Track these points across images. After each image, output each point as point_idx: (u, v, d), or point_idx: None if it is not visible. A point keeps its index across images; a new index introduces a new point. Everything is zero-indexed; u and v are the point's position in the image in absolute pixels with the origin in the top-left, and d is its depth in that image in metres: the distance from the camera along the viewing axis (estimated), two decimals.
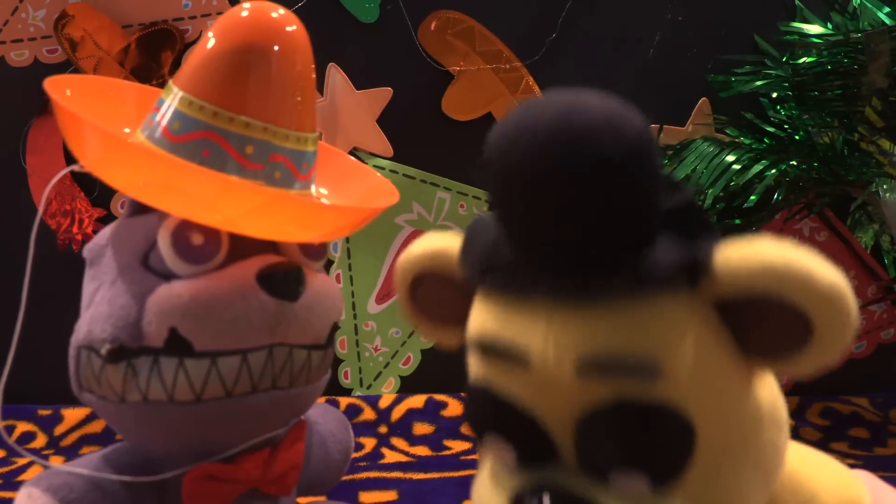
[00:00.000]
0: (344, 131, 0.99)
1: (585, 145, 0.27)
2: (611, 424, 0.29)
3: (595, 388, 0.28)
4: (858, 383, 1.06)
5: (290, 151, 0.44)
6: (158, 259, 0.40)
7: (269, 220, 0.41)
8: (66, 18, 0.95)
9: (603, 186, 0.27)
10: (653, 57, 1.03)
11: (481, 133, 0.30)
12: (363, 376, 1.04)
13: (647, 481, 0.28)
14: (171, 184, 0.40)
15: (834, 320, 0.28)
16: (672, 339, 0.28)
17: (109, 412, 0.42)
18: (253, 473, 0.43)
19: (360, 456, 0.91)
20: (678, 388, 0.28)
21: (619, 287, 0.28)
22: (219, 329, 0.39)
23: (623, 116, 0.28)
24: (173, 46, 0.97)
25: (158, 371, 0.39)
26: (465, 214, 1.03)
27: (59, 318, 0.96)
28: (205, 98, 0.42)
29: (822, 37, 0.93)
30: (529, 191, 0.28)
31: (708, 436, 0.29)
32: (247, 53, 0.42)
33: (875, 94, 0.81)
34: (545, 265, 0.29)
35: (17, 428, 0.94)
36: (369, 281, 1.03)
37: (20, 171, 0.98)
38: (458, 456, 0.91)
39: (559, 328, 0.29)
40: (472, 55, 1.00)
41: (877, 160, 0.87)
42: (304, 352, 0.43)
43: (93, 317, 0.41)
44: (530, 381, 0.30)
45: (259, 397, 0.42)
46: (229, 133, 0.42)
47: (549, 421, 0.30)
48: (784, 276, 0.27)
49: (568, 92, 0.29)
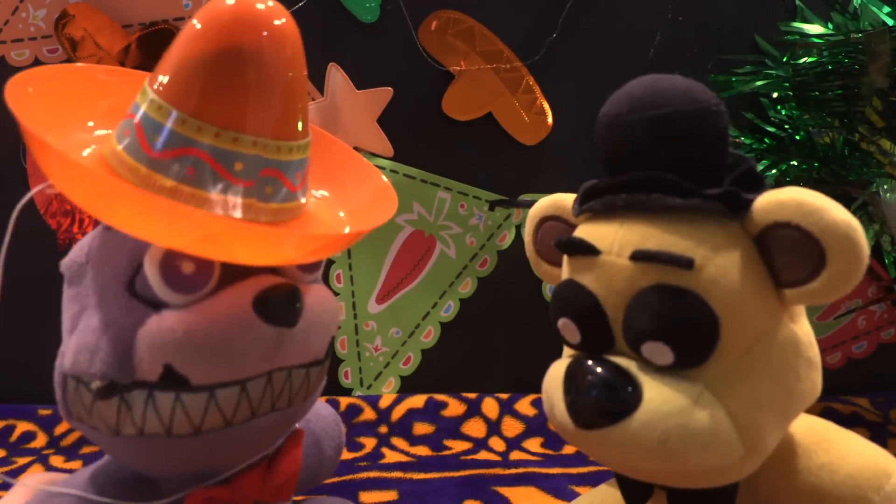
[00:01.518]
0: (344, 131, 0.99)
1: (665, 102, 0.38)
2: (649, 300, 0.36)
3: (643, 274, 0.37)
4: (859, 383, 1.07)
5: (282, 163, 0.41)
6: (145, 285, 0.38)
7: (236, 246, 0.38)
8: (66, 18, 0.95)
9: (673, 132, 0.37)
10: (653, 57, 1.03)
11: (482, 133, 0.30)
12: (363, 376, 1.04)
13: (671, 354, 0.36)
14: (127, 212, 0.37)
15: (843, 249, 0.33)
16: (707, 246, 0.36)
17: (102, 441, 0.40)
18: (251, 490, 0.42)
19: (361, 456, 0.91)
20: (708, 283, 0.36)
21: (672, 202, 0.37)
22: (216, 364, 0.37)
23: (699, 90, 0.38)
24: None
25: (154, 405, 0.37)
26: (465, 214, 1.03)
27: (59, 317, 0.96)
28: (187, 110, 0.38)
29: (822, 37, 0.93)
30: (622, 131, 0.39)
31: (731, 335, 0.36)
32: (234, 58, 0.37)
33: (876, 95, 0.81)
34: (625, 186, 0.39)
35: (17, 428, 0.94)
36: (369, 281, 1.03)
37: (20, 171, 0.98)
38: (458, 456, 0.91)
39: (626, 229, 0.38)
40: (473, 55, 1.00)
41: (877, 160, 0.87)
42: (303, 371, 0.42)
43: (78, 346, 0.39)
44: (599, 270, 0.38)
45: (259, 421, 0.40)
46: (216, 150, 0.38)
47: (608, 304, 0.38)
48: (801, 207, 0.34)
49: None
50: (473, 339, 1.06)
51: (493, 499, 0.76)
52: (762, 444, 0.37)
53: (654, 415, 0.35)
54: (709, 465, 0.36)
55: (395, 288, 1.04)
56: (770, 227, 0.36)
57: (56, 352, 0.42)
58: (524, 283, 1.06)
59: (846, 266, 0.34)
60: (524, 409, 1.00)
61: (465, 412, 0.99)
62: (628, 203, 0.38)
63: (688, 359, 0.36)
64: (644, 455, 0.36)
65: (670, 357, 0.36)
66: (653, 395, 0.36)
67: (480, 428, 0.98)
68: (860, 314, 1.09)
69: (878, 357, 1.09)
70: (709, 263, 0.36)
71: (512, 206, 1.04)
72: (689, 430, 0.35)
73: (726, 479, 0.39)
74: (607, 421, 0.36)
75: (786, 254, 0.36)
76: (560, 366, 0.40)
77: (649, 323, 0.36)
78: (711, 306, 0.35)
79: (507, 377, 1.06)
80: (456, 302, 1.05)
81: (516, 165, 1.04)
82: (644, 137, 0.38)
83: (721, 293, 0.36)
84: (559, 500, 0.76)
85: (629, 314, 0.37)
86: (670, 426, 0.35)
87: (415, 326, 1.05)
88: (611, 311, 0.38)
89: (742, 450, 0.36)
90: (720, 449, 0.36)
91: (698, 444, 0.35)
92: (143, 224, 0.37)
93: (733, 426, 0.36)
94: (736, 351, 0.36)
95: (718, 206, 0.36)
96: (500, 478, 0.83)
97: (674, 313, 0.36)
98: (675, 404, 0.35)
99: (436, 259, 1.04)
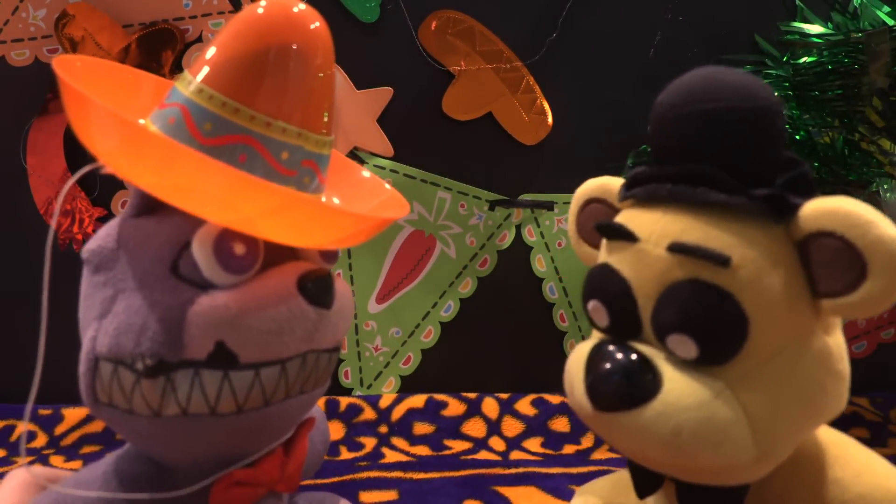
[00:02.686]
0: (344, 131, 0.99)
1: (721, 96, 0.37)
2: (681, 293, 0.36)
3: (679, 266, 0.36)
4: (859, 383, 1.06)
5: (318, 156, 0.43)
6: (191, 267, 0.39)
7: (288, 223, 0.40)
8: (66, 18, 0.95)
9: (726, 128, 0.37)
10: (653, 57, 1.03)
11: (482, 133, 0.31)
12: (363, 376, 1.04)
13: (696, 348, 0.35)
14: (190, 181, 0.38)
15: (886, 266, 0.33)
16: (746, 247, 0.36)
17: (134, 426, 0.40)
18: (273, 475, 0.43)
19: (361, 456, 0.91)
20: (742, 283, 0.35)
21: (717, 198, 0.36)
22: (266, 341, 0.38)
23: (759, 87, 0.37)
24: (174, 46, 0.97)
25: (200, 384, 0.38)
26: (465, 214, 1.03)
27: (60, 317, 0.96)
28: (239, 100, 0.40)
29: (822, 37, 0.93)
30: (673, 122, 0.38)
31: (759, 337, 0.35)
32: (282, 54, 0.41)
33: (876, 94, 0.81)
34: (672, 177, 0.38)
35: (17, 427, 0.94)
36: (369, 281, 1.03)
37: (20, 171, 0.98)
38: (458, 456, 0.91)
39: (667, 220, 0.38)
40: (473, 55, 1.01)
41: (877, 160, 0.87)
42: (327, 355, 0.44)
43: (119, 328, 0.39)
44: (636, 257, 0.38)
45: (290, 403, 0.42)
46: (266, 138, 0.40)
47: (640, 293, 0.38)
48: (848, 219, 0.34)
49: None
50: (473, 338, 1.06)
51: (493, 499, 0.76)
52: (776, 450, 0.37)
53: (670, 406, 0.35)
54: (719, 464, 0.36)
55: (395, 288, 1.04)
56: (814, 234, 0.35)
57: (56, 351, 0.41)
58: (524, 283, 1.06)
59: (888, 283, 0.33)
60: (524, 408, 1.00)
61: (465, 412, 0.99)
62: (672, 194, 0.38)
63: (712, 356, 0.36)
64: (655, 445, 0.36)
65: (694, 351, 0.36)
66: (672, 387, 0.36)
67: (480, 428, 0.98)
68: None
69: (877, 357, 1.09)
70: (746, 264, 0.35)
71: (512, 206, 1.04)
72: (704, 427, 0.35)
73: (735, 480, 0.38)
74: (623, 406, 0.36)
75: (826, 264, 0.35)
76: (584, 347, 0.40)
77: (677, 315, 0.36)
78: (743, 307, 0.35)
79: (507, 377, 1.06)
80: (456, 302, 1.05)
81: (516, 165, 1.04)
82: (695, 130, 0.37)
83: (754, 295, 0.35)
84: (559, 500, 0.76)
85: (659, 304, 0.37)
86: (685, 420, 0.35)
87: (415, 326, 1.05)
88: (642, 300, 0.38)
89: (754, 453, 0.36)
90: (732, 449, 0.35)
91: (711, 441, 0.35)
92: (208, 194, 0.38)
93: (749, 429, 0.35)
94: (763, 354, 0.36)
95: (763, 207, 0.36)
96: (500, 478, 0.83)
97: (703, 309, 0.35)
98: (693, 399, 0.35)
99: (436, 259, 1.04)
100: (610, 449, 0.95)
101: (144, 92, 0.48)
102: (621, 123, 1.04)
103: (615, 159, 1.01)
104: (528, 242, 1.05)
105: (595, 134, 1.04)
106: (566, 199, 1.04)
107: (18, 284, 0.99)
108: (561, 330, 1.06)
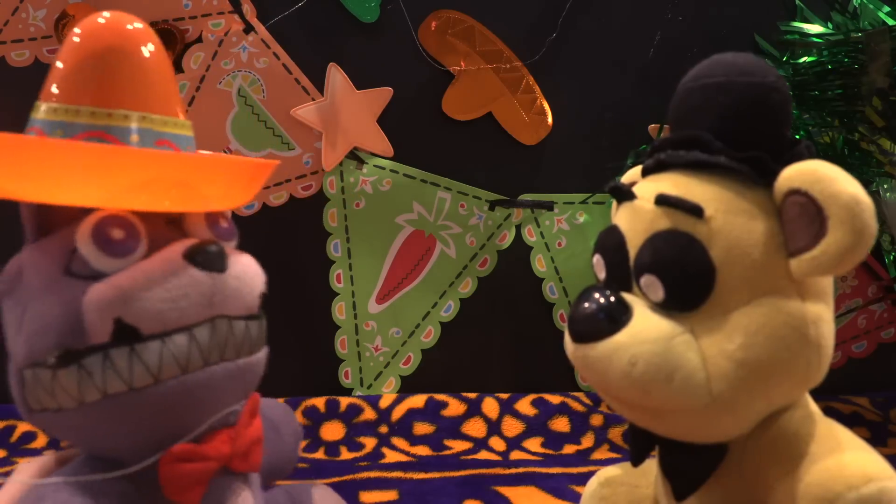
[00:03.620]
0: (344, 131, 0.99)
1: (721, 72, 0.41)
2: (657, 240, 0.40)
3: (662, 218, 0.40)
4: (859, 383, 1.07)
5: (173, 135, 0.46)
6: (81, 264, 0.42)
7: (164, 187, 0.44)
8: (66, 18, 0.95)
9: (722, 100, 0.40)
10: (653, 57, 1.03)
11: (482, 133, 0.31)
12: (363, 376, 1.04)
13: (662, 290, 0.39)
14: (63, 170, 0.41)
15: (843, 220, 0.34)
16: (725, 202, 0.39)
17: (68, 422, 0.42)
18: (223, 449, 0.44)
19: (361, 456, 0.91)
20: (713, 233, 0.38)
21: (699, 157, 0.40)
22: (161, 309, 0.40)
23: (758, 65, 0.40)
24: (174, 46, 0.96)
25: (112, 364, 0.40)
26: (465, 214, 1.03)
27: None
28: (78, 103, 0.44)
29: (822, 36, 0.93)
30: (681, 97, 0.43)
31: (725, 287, 0.38)
32: (105, 53, 0.44)
33: (875, 94, 0.81)
34: (672, 143, 0.42)
35: (17, 428, 0.94)
36: (369, 281, 1.03)
37: None
38: (458, 456, 0.91)
39: (660, 179, 0.43)
40: (473, 55, 1.01)
41: (877, 160, 0.87)
42: (242, 323, 0.45)
43: (29, 335, 0.42)
44: (631, 213, 0.42)
45: (213, 370, 0.43)
46: (111, 127, 0.44)
47: (632, 245, 0.42)
48: (813, 175, 0.36)
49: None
50: (473, 338, 1.06)
51: (494, 498, 0.76)
52: (733, 402, 0.38)
53: (630, 338, 0.38)
54: (671, 403, 0.38)
55: (395, 288, 1.04)
56: (787, 194, 0.38)
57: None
58: (524, 283, 1.06)
59: (843, 237, 0.34)
60: (524, 408, 1.00)
61: (466, 412, 0.99)
62: (670, 157, 0.42)
63: (678, 299, 0.39)
64: (616, 375, 0.39)
65: (661, 293, 0.39)
66: (637, 322, 0.39)
67: (481, 428, 0.98)
68: (860, 314, 1.09)
69: (878, 356, 1.09)
70: (719, 216, 0.38)
71: (512, 206, 1.04)
72: (657, 359, 0.38)
73: (698, 431, 0.40)
74: (592, 337, 0.40)
75: (793, 220, 0.37)
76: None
77: (649, 257, 0.40)
78: (710, 255, 0.38)
79: (507, 377, 1.06)
80: (456, 302, 1.05)
81: (516, 165, 1.04)
82: (697, 103, 0.42)
83: (723, 245, 0.38)
84: (559, 500, 0.76)
85: (640, 250, 0.41)
86: (641, 351, 0.38)
87: (415, 326, 1.05)
88: (632, 251, 0.42)
89: (707, 399, 0.38)
90: (683, 387, 0.37)
91: (663, 374, 0.37)
92: (79, 178, 0.41)
93: (705, 371, 0.38)
94: (729, 304, 0.38)
95: (743, 167, 0.39)
96: (500, 477, 0.83)
97: (672, 252, 0.39)
98: (653, 333, 0.38)
99: (436, 259, 1.04)
100: (610, 449, 0.95)
101: None
102: (621, 123, 1.04)
103: (615, 159, 1.01)
104: (529, 242, 1.05)
105: (595, 134, 1.04)
106: (566, 199, 1.04)
107: None
108: (561, 330, 1.06)
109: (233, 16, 0.98)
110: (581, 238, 1.05)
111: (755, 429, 0.41)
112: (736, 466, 0.42)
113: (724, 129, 0.40)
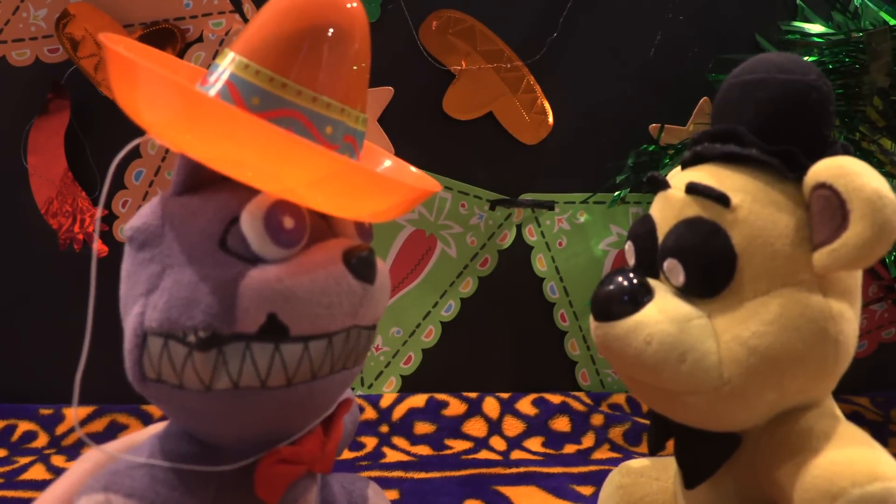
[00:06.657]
0: None
1: (761, 69, 0.42)
2: (682, 226, 0.41)
3: (690, 205, 0.41)
4: (859, 383, 1.07)
5: (356, 132, 0.44)
6: (239, 241, 0.39)
7: (340, 191, 0.41)
8: (67, 18, 0.95)
9: (759, 96, 0.41)
10: (653, 57, 1.03)
11: (482, 132, 0.31)
12: (364, 376, 1.04)
13: (683, 274, 0.40)
14: (248, 148, 0.38)
15: (864, 214, 0.35)
16: (753, 193, 0.40)
17: (184, 402, 0.40)
18: (315, 453, 0.44)
19: (361, 455, 0.91)
20: (737, 222, 0.39)
21: (731, 150, 0.41)
22: (316, 314, 0.39)
23: (798, 64, 0.42)
24: (174, 46, 0.97)
25: (251, 357, 0.38)
26: (465, 213, 1.03)
27: (60, 317, 0.96)
28: (285, 75, 0.41)
29: (823, 36, 0.93)
30: (724, 93, 0.44)
31: (746, 276, 0.39)
32: (324, 33, 0.42)
33: (876, 94, 0.81)
34: (710, 137, 0.44)
35: (18, 427, 0.94)
36: None
37: (21, 171, 0.98)
38: (459, 455, 0.91)
39: (696, 170, 0.44)
40: (474, 55, 1.01)
41: (878, 160, 0.87)
42: (367, 332, 0.44)
43: (170, 302, 0.39)
44: (664, 201, 0.44)
45: (334, 378, 0.42)
46: (312, 113, 0.41)
47: (661, 232, 0.43)
48: (841, 170, 0.36)
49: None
50: (474, 338, 1.06)
51: (494, 498, 0.76)
52: (743, 388, 0.38)
53: (647, 318, 0.39)
54: (684, 385, 0.39)
55: (395, 287, 1.04)
56: (814, 188, 0.38)
57: (56, 351, 0.41)
58: (524, 282, 1.06)
59: (864, 231, 0.35)
60: (525, 408, 1.00)
61: (466, 411, 0.99)
62: (705, 150, 0.43)
63: (699, 284, 0.40)
64: (631, 354, 0.40)
65: (682, 277, 0.40)
66: (656, 304, 0.40)
67: (481, 427, 0.98)
68: (860, 313, 1.09)
69: (878, 356, 1.09)
70: (746, 206, 0.39)
71: (513, 206, 1.04)
72: (670, 339, 0.38)
73: (710, 417, 0.41)
74: (613, 316, 0.41)
75: (819, 213, 0.38)
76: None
77: (673, 242, 0.41)
78: (733, 242, 0.39)
79: (507, 377, 1.06)
80: (457, 301, 1.05)
81: (517, 165, 1.04)
82: (736, 99, 0.43)
83: (746, 234, 0.39)
84: (560, 500, 0.76)
85: (666, 236, 0.42)
86: (656, 331, 0.39)
87: (416, 326, 1.05)
88: (661, 238, 0.43)
89: (717, 382, 0.38)
90: (694, 370, 0.38)
91: (675, 354, 0.38)
92: (265, 161, 0.38)
93: (717, 355, 0.38)
94: (748, 292, 0.39)
95: (774, 160, 0.40)
96: (500, 477, 0.83)
97: (695, 238, 0.40)
98: (669, 314, 0.39)
99: (436, 258, 1.04)
100: (611, 448, 0.95)
101: (182, 75, 0.49)
102: (621, 123, 1.04)
103: (615, 159, 1.01)
104: (529, 242, 1.05)
105: (595, 134, 1.04)
106: (566, 198, 1.04)
107: (19, 284, 0.99)
108: (561, 330, 1.06)
109: (233, 15, 0.98)
110: (581, 238, 1.05)
111: (771, 423, 0.41)
112: (748, 459, 0.42)
113: (761, 124, 0.41)
